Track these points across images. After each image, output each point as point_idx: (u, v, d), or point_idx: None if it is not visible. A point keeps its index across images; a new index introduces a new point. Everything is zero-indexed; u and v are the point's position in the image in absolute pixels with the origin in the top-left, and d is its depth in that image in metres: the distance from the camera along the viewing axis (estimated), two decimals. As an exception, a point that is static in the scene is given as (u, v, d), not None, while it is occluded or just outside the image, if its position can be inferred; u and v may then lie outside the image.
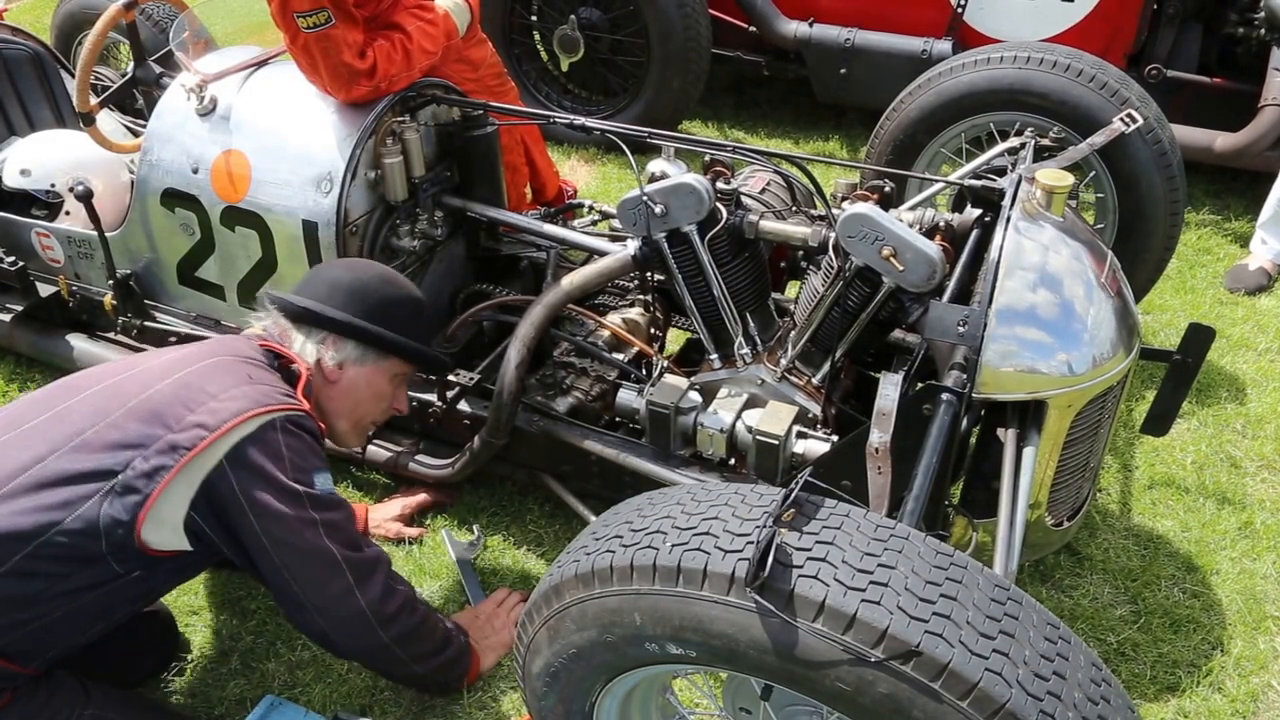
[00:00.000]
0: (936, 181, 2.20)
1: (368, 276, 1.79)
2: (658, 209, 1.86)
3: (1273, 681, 1.95)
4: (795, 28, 3.91)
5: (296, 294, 1.77)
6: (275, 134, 2.18)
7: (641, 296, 2.31)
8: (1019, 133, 2.44)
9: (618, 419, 2.15)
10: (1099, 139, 2.19)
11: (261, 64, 2.33)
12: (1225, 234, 3.57)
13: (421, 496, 2.29)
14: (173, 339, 2.52)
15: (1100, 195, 2.58)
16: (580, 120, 2.14)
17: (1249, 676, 1.95)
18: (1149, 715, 1.89)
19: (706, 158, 2.03)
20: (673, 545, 1.15)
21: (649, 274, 2.18)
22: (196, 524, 1.51)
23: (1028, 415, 1.61)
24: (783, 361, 1.93)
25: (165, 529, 1.49)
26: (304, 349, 1.73)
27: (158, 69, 2.66)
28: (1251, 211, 3.58)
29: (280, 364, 1.69)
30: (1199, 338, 1.76)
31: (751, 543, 1.10)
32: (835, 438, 1.85)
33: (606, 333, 2.24)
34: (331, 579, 1.58)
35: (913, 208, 2.07)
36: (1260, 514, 2.33)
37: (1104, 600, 2.12)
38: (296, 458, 1.54)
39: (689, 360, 2.26)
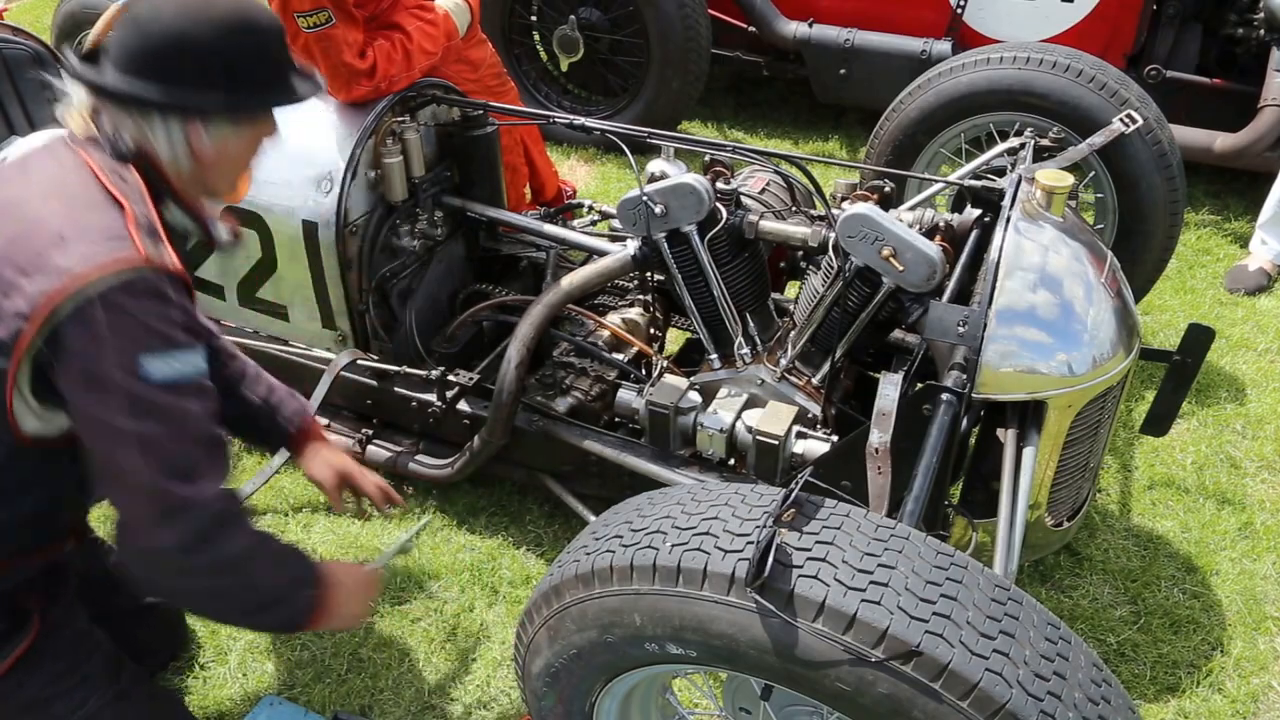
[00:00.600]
0: (936, 182, 2.20)
1: (211, 28, 1.32)
2: (657, 209, 1.86)
3: (1273, 682, 1.95)
4: (795, 28, 3.92)
5: (126, 68, 1.36)
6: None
7: (641, 296, 2.31)
8: (1018, 133, 2.44)
9: (617, 419, 2.15)
10: (1098, 139, 2.19)
11: (261, 64, 2.32)
12: (1225, 234, 3.57)
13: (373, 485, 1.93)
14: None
15: (1100, 195, 2.59)
16: (580, 120, 2.14)
17: (1249, 677, 1.95)
18: (1149, 716, 1.89)
19: (706, 158, 2.03)
20: (673, 545, 1.15)
21: (649, 274, 2.18)
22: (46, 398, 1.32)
23: (1027, 415, 1.61)
24: (782, 362, 1.93)
25: (30, 418, 1.34)
26: (159, 141, 1.35)
27: (157, 69, 2.66)
28: (1251, 212, 3.58)
29: (134, 161, 1.36)
30: (1199, 338, 1.76)
31: (752, 543, 1.10)
32: (835, 438, 1.85)
33: (606, 333, 2.24)
34: (135, 502, 1.30)
35: (912, 208, 2.07)
36: (1260, 514, 2.33)
37: (1104, 601, 2.12)
38: (120, 339, 1.24)
39: (689, 360, 2.26)
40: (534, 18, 4.05)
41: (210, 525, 1.31)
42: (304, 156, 2.14)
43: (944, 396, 1.51)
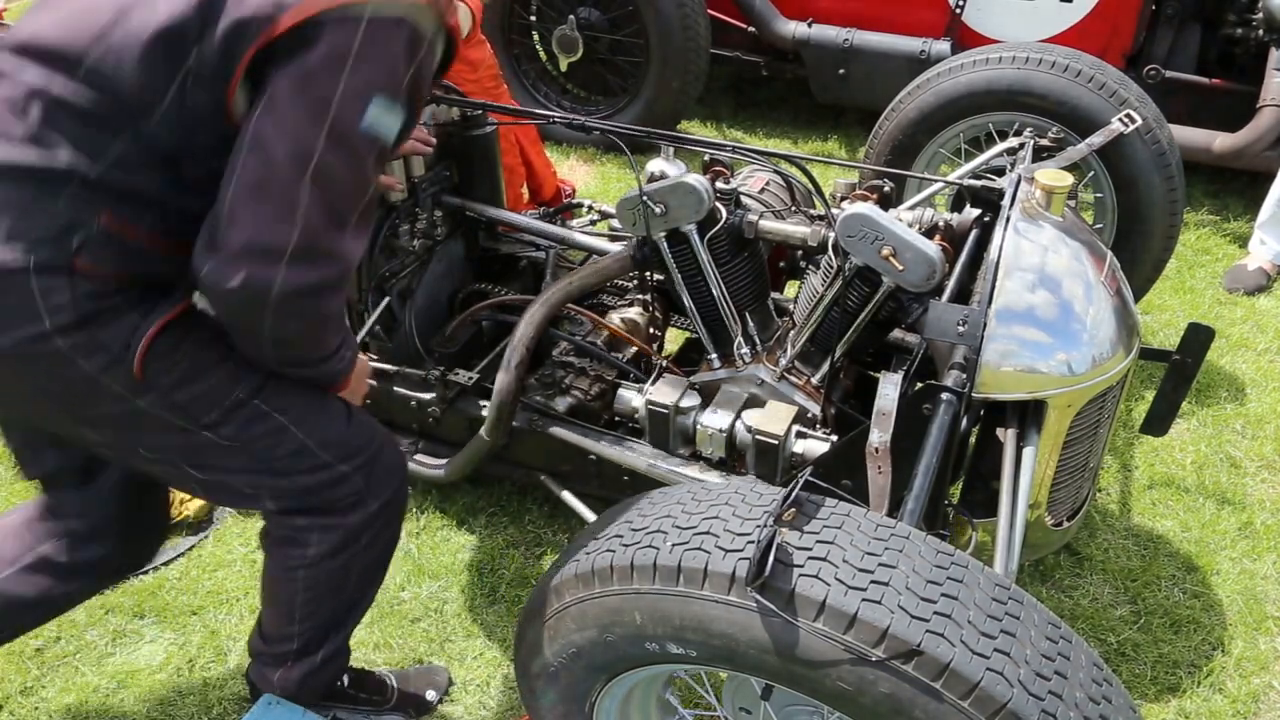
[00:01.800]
0: (936, 181, 2.20)
1: None
2: (657, 209, 1.86)
3: (1274, 682, 1.95)
4: (794, 28, 3.92)
5: None
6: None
7: (640, 296, 2.31)
8: (1018, 133, 2.44)
9: (617, 419, 2.15)
10: (1098, 139, 2.19)
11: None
12: (1224, 234, 3.57)
13: None
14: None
15: (1099, 195, 2.59)
16: (580, 120, 2.14)
17: (1250, 677, 1.95)
18: (1150, 716, 1.88)
19: (706, 157, 2.03)
20: (673, 545, 1.15)
21: (648, 274, 2.18)
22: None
23: (1027, 415, 1.61)
24: (782, 361, 1.93)
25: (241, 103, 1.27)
26: None
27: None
28: (1250, 212, 3.58)
29: None
30: (1198, 338, 1.76)
31: (752, 542, 1.09)
32: (835, 437, 1.85)
33: (606, 332, 2.24)
34: (275, 231, 1.23)
35: (912, 208, 2.07)
36: (1260, 514, 2.33)
37: (1104, 600, 2.12)
38: (362, 67, 1.21)
39: (688, 360, 2.26)
40: (533, 18, 4.05)
41: (336, 280, 1.31)
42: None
43: (944, 396, 1.51)
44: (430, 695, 1.90)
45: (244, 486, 1.49)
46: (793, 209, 2.16)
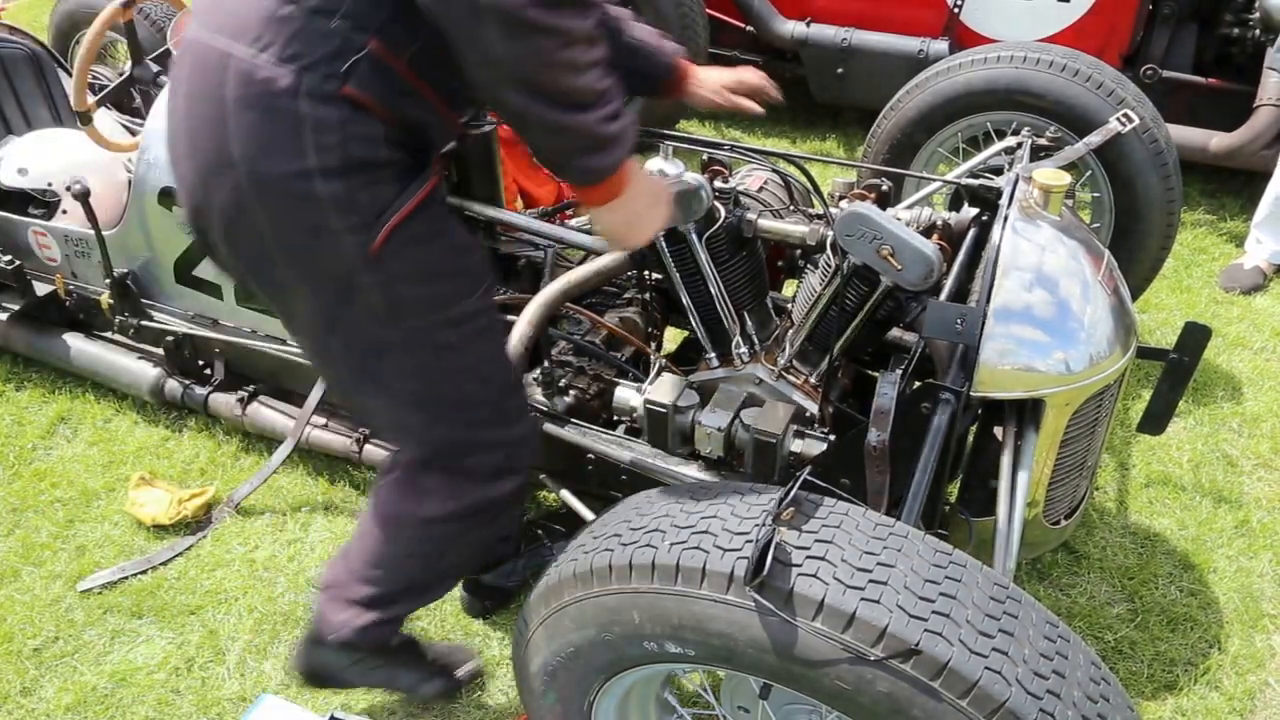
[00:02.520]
0: (934, 180, 2.20)
1: None
2: (656, 208, 1.86)
3: (1269, 679, 1.95)
4: (792, 27, 3.92)
5: None
6: (272, 133, 2.18)
7: (639, 295, 2.31)
8: (1016, 132, 2.44)
9: (615, 418, 2.15)
10: (1095, 139, 2.19)
11: (258, 63, 2.32)
12: (1221, 233, 3.58)
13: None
14: (169, 339, 2.52)
15: (1097, 194, 2.59)
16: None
17: (1246, 674, 1.96)
18: (1147, 713, 1.89)
19: (704, 157, 2.03)
20: (671, 544, 1.15)
21: (646, 273, 2.18)
22: None
23: (1025, 414, 1.61)
24: (780, 360, 1.93)
25: None
26: None
27: (155, 68, 2.66)
28: (1247, 211, 3.59)
29: None
30: (1195, 336, 1.76)
31: (750, 541, 1.10)
32: (833, 437, 1.85)
33: (604, 331, 2.24)
34: None
35: (910, 207, 2.07)
36: (1257, 512, 2.34)
37: (1101, 598, 2.12)
38: None
39: (686, 359, 2.26)
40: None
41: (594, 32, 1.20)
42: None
43: (942, 395, 1.51)
44: (464, 671, 1.85)
45: (400, 415, 1.45)
46: (791, 208, 2.16)
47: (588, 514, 2.06)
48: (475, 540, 1.58)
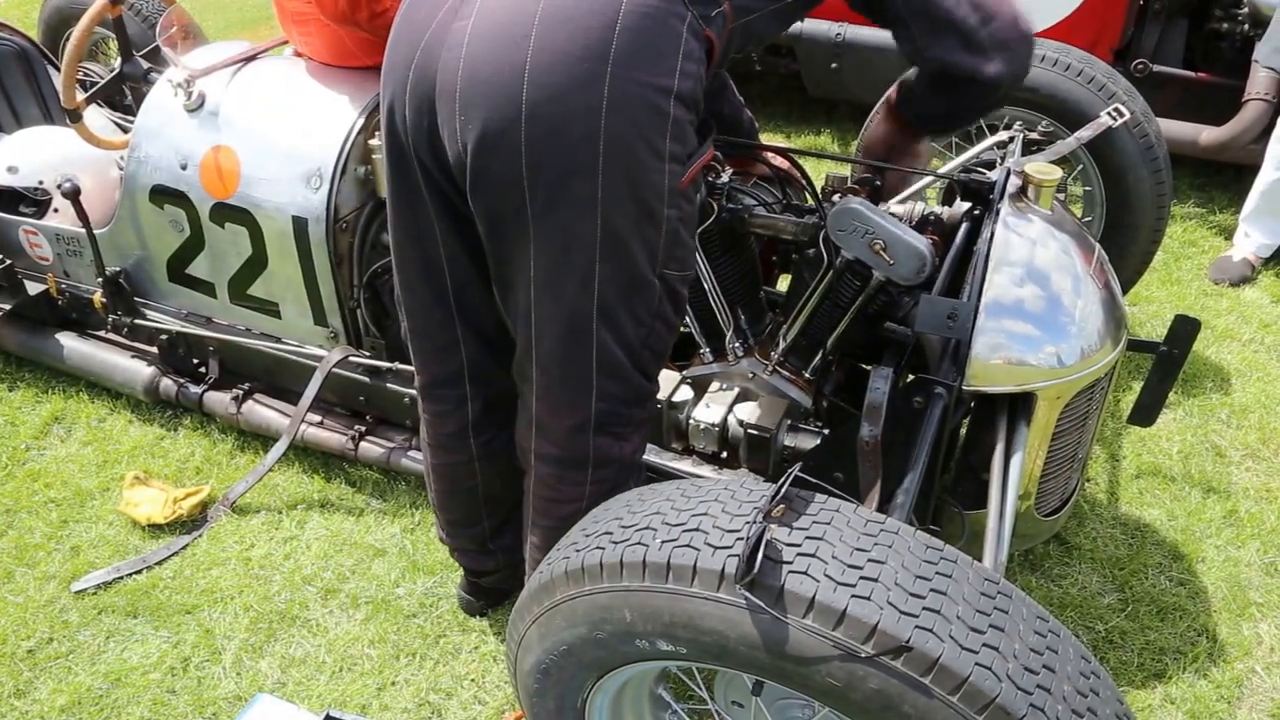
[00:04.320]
0: (926, 175, 2.20)
1: None
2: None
3: (1256, 667, 1.97)
4: (785, 21, 3.90)
5: None
6: (264, 130, 2.17)
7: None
8: (1007, 126, 2.44)
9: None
10: (1086, 133, 2.20)
11: (250, 59, 2.31)
12: (1210, 227, 3.59)
13: None
14: (163, 338, 2.51)
15: (1088, 188, 2.60)
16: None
17: (1234, 662, 1.97)
18: (1136, 702, 1.91)
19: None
20: (662, 542, 1.15)
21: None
22: None
23: (1017, 407, 1.62)
24: (774, 355, 1.94)
25: None
26: None
27: (145, 64, 2.64)
28: (1235, 204, 3.60)
29: None
30: (1185, 329, 1.77)
31: (741, 539, 1.10)
32: (826, 431, 1.86)
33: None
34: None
35: (902, 201, 2.08)
36: (1245, 502, 2.36)
37: (1092, 589, 2.14)
38: None
39: (680, 354, 2.26)
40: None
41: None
42: (293, 152, 2.13)
43: (934, 389, 1.52)
44: None
45: (601, 367, 1.48)
46: (784, 203, 2.16)
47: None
48: (580, 509, 1.58)
